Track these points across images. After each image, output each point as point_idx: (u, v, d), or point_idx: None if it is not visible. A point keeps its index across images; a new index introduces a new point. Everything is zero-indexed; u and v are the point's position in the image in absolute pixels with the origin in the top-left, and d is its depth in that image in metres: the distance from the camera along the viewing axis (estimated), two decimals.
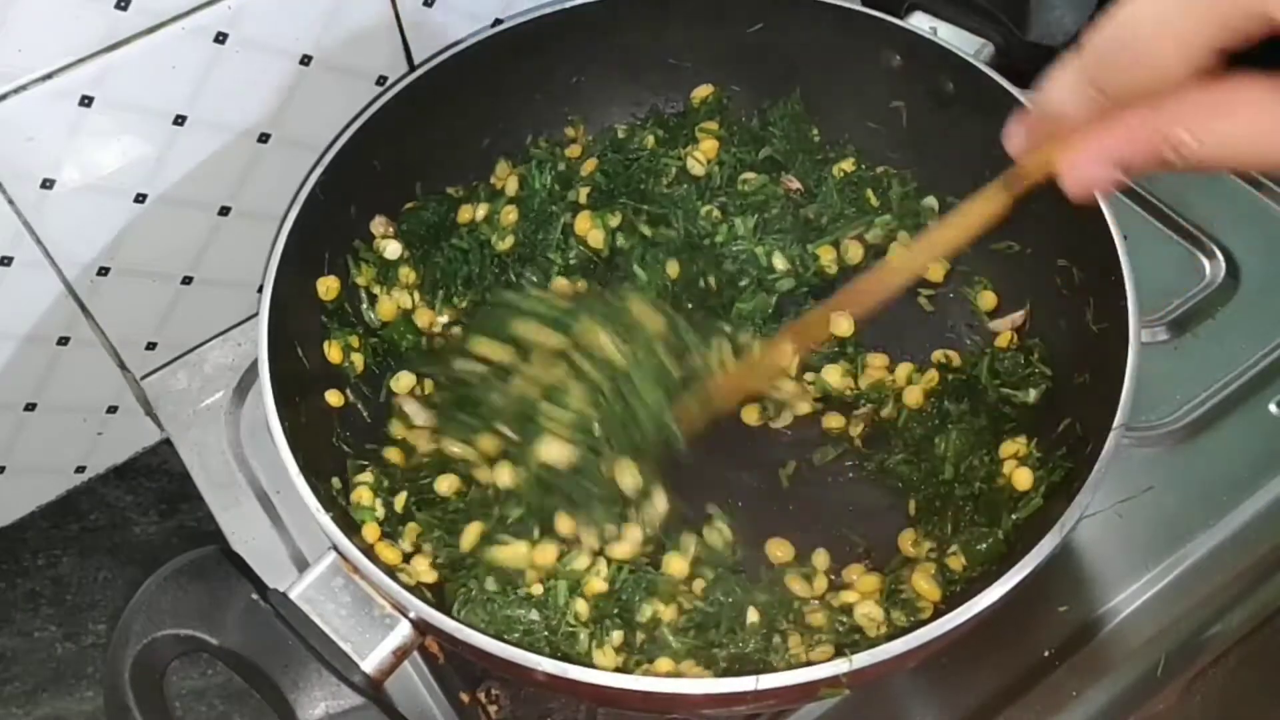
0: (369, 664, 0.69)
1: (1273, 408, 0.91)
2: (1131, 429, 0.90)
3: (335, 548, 0.70)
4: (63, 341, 0.92)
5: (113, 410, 0.99)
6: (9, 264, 0.85)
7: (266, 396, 0.75)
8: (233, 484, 0.93)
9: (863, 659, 0.64)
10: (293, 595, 0.69)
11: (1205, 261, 0.99)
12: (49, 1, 0.75)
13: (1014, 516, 0.77)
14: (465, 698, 0.83)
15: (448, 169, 0.96)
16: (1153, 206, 1.02)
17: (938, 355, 0.89)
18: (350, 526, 0.76)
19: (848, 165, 0.95)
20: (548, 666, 0.66)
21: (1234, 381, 0.93)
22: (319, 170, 0.84)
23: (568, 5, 0.92)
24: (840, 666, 0.64)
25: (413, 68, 0.94)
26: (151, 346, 0.98)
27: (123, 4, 0.78)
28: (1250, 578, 0.84)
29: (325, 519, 0.71)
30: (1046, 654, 0.81)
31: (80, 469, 1.01)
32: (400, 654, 0.70)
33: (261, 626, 0.68)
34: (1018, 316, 0.89)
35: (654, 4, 0.94)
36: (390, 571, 0.70)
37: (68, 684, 0.95)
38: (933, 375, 0.87)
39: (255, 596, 0.69)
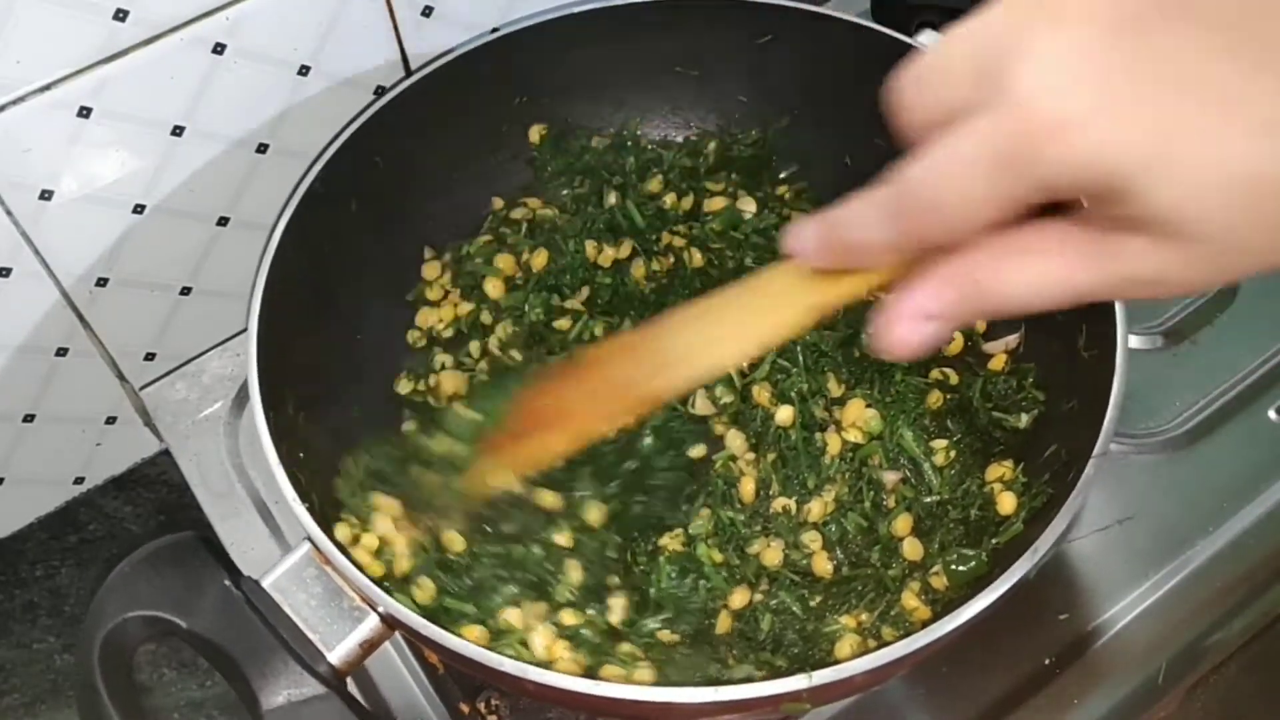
0: (335, 655, 0.69)
1: (1272, 414, 0.91)
2: (1131, 436, 0.90)
3: (309, 538, 0.71)
4: (61, 352, 0.92)
5: (111, 421, 0.99)
6: (7, 275, 0.85)
7: (254, 390, 0.76)
8: (232, 494, 0.93)
9: (824, 675, 0.64)
10: (265, 584, 0.70)
11: None
12: (47, 12, 0.75)
13: (994, 541, 0.77)
14: (465, 708, 0.83)
15: (454, 168, 0.97)
16: None
17: (935, 373, 0.89)
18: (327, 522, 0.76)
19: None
20: (508, 667, 0.66)
21: (1233, 388, 0.93)
22: (320, 164, 0.85)
23: (575, 10, 0.93)
24: (800, 682, 0.64)
25: (406, 63, 0.94)
26: (150, 357, 0.98)
27: (121, 15, 0.78)
28: (1251, 584, 0.84)
29: (300, 509, 0.71)
30: (1047, 661, 0.81)
31: (79, 480, 1.01)
32: (367, 646, 0.70)
33: (231, 612, 0.69)
34: (1011, 339, 0.89)
35: (661, 11, 0.94)
36: (361, 565, 0.71)
37: (66, 696, 0.94)
38: (937, 396, 0.87)
39: (228, 583, 0.69)
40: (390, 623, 0.70)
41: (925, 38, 0.92)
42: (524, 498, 0.80)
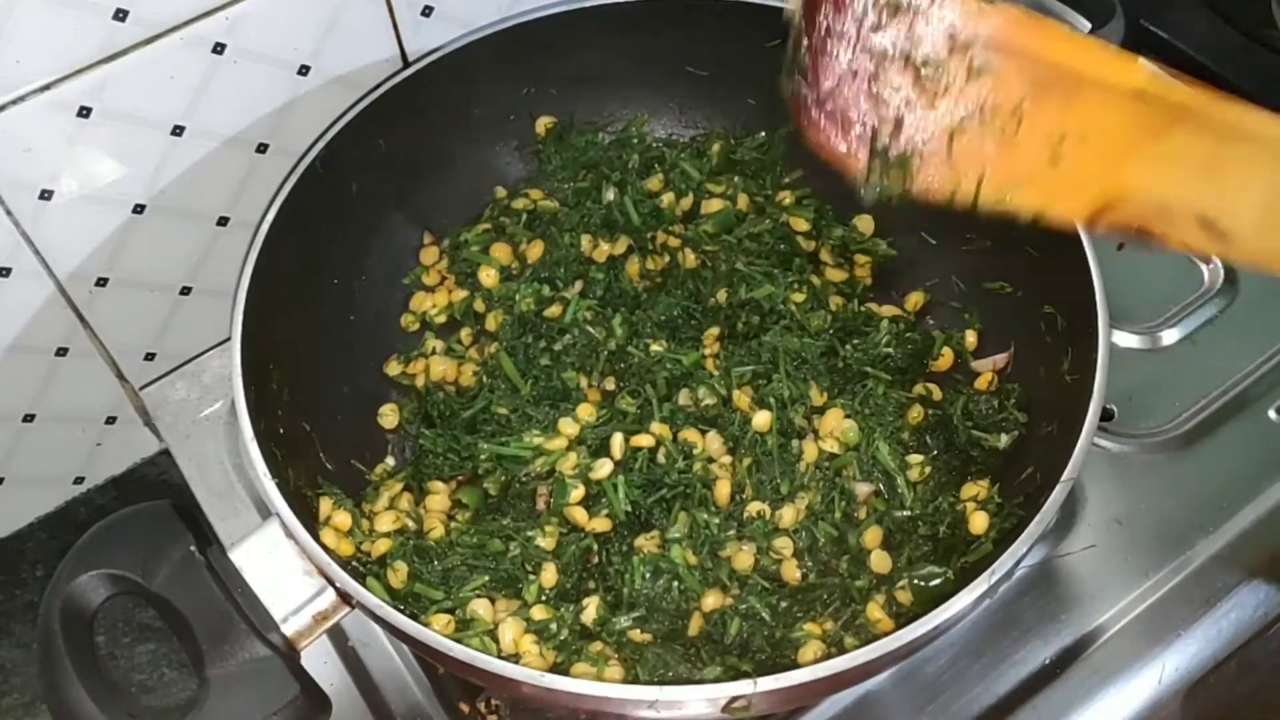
0: (289, 625, 0.71)
1: (1272, 414, 0.91)
2: (1131, 436, 0.91)
3: (277, 513, 0.72)
4: (61, 352, 0.92)
5: (111, 421, 0.99)
6: (7, 275, 0.85)
7: (235, 360, 0.76)
8: (231, 494, 0.93)
9: (766, 683, 0.65)
10: (231, 553, 0.72)
11: (1204, 268, 0.99)
12: (47, 13, 0.75)
13: (963, 559, 0.78)
14: (465, 708, 0.83)
15: (458, 155, 0.97)
16: None
17: (919, 388, 0.89)
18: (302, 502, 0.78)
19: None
20: (457, 652, 0.67)
21: (1233, 388, 0.93)
22: (321, 144, 0.85)
23: (586, 5, 0.93)
24: (744, 688, 0.65)
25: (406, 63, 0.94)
26: (150, 357, 0.98)
27: (121, 15, 0.78)
28: (1250, 584, 0.84)
29: (270, 484, 0.73)
30: (1046, 662, 0.81)
31: (79, 480, 1.01)
32: (320, 619, 0.72)
33: (192, 577, 0.71)
34: (1000, 359, 0.89)
35: (673, 11, 0.94)
36: (325, 542, 0.73)
37: None
38: (918, 411, 0.87)
39: (193, 549, 0.71)
40: (346, 599, 0.72)
41: None
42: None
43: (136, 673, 0.95)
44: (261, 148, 0.91)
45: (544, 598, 0.79)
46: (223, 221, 0.93)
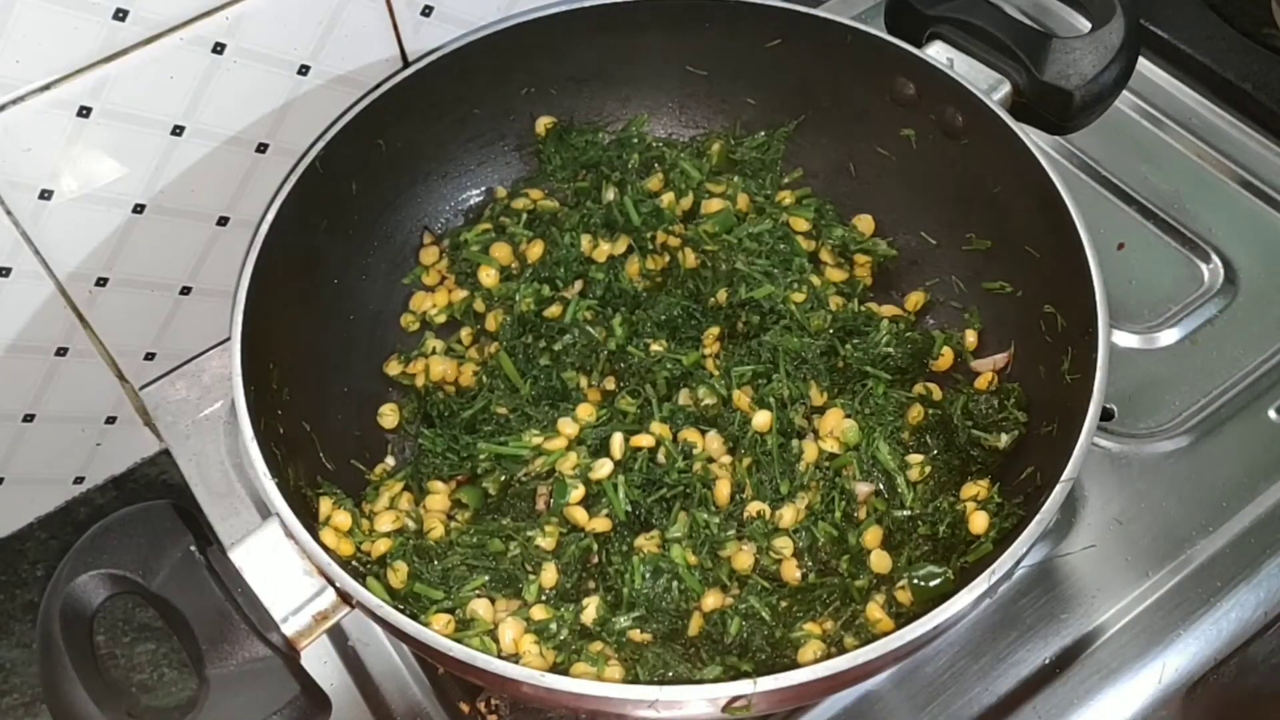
0: (289, 626, 0.71)
1: (1272, 414, 0.91)
2: (1131, 436, 0.91)
3: (277, 513, 0.72)
4: (61, 352, 0.92)
5: (111, 421, 0.99)
6: (7, 275, 0.85)
7: (235, 360, 0.76)
8: (231, 494, 0.93)
9: (766, 683, 0.65)
10: (231, 553, 0.72)
11: (1204, 268, 0.99)
12: (47, 12, 0.76)
13: (963, 559, 0.78)
14: (465, 707, 0.83)
15: (458, 155, 0.98)
16: (1151, 213, 1.02)
17: (919, 388, 0.89)
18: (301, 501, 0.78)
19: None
20: (457, 652, 0.67)
21: (1233, 388, 0.93)
22: (320, 144, 0.85)
23: (585, 5, 0.93)
24: (744, 688, 0.65)
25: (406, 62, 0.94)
26: (150, 357, 0.98)
27: (121, 15, 0.78)
28: (1250, 584, 0.84)
29: (270, 484, 0.73)
30: (1046, 662, 0.81)
31: (79, 480, 1.01)
32: (320, 619, 0.72)
33: (192, 577, 0.71)
34: (1000, 358, 0.89)
35: (672, 11, 0.94)
36: (325, 542, 0.73)
37: None
38: (918, 411, 0.87)
39: (193, 549, 0.71)
40: (346, 599, 0.72)
41: (935, 49, 0.92)
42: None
43: (136, 673, 0.95)
44: (261, 148, 0.91)
45: (544, 598, 0.79)
46: (223, 221, 0.93)
